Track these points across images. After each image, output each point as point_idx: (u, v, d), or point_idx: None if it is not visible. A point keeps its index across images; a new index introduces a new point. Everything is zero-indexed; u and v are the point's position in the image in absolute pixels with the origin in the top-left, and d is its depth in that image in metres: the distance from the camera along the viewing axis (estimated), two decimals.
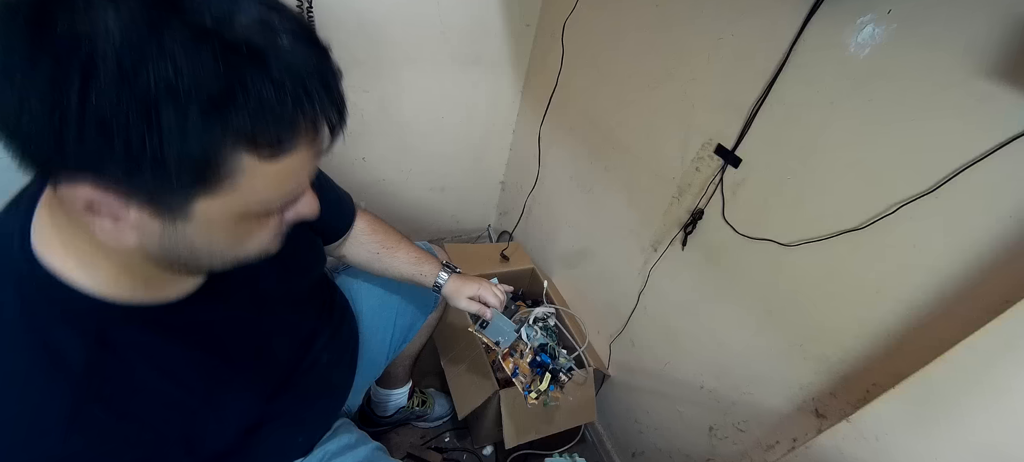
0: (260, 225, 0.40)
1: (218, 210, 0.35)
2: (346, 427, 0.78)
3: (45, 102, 0.28)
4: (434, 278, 0.80)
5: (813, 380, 0.74)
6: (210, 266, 0.42)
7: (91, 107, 0.28)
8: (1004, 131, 0.50)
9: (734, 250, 0.84)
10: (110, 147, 0.29)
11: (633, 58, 1.00)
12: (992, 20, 0.50)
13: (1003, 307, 0.49)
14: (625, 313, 1.13)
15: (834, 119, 0.66)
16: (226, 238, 0.39)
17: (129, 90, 0.28)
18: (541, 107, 1.30)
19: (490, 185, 1.66)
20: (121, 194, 0.32)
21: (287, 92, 0.32)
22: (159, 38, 0.28)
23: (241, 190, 0.34)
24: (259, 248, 0.43)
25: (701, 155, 0.87)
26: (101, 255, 0.39)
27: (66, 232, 0.38)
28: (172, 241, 0.36)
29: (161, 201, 0.33)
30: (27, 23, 0.28)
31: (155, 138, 0.29)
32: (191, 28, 0.29)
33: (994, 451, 0.50)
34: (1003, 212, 0.52)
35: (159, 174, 0.31)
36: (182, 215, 0.34)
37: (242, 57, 0.30)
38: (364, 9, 1.05)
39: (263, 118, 0.31)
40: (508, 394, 1.05)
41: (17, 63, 0.28)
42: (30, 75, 0.28)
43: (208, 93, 0.29)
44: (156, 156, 0.30)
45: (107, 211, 0.33)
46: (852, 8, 0.61)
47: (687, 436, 1.02)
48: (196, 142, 0.30)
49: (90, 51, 0.27)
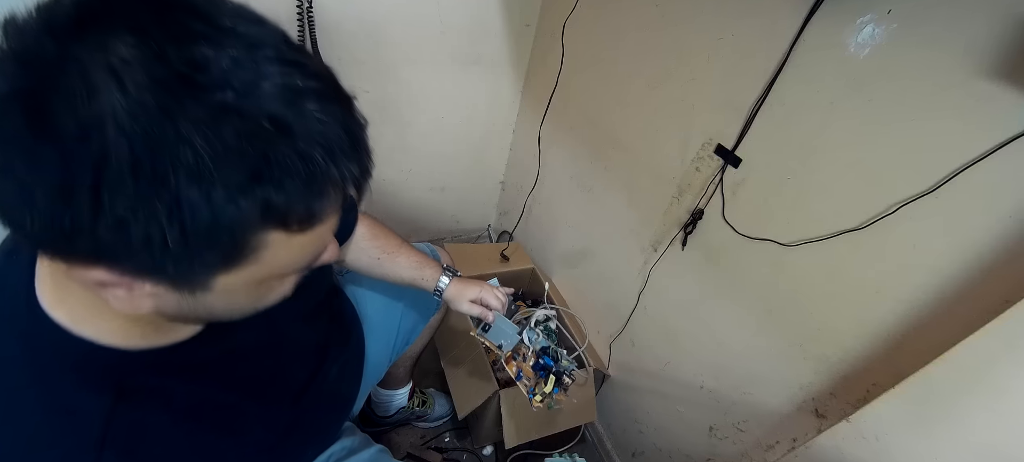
0: (280, 283, 0.39)
1: (240, 280, 0.33)
2: (349, 430, 0.78)
3: (53, 200, 0.26)
4: (435, 283, 0.80)
5: (813, 380, 0.74)
6: (228, 320, 0.40)
7: (105, 205, 0.25)
8: (1004, 131, 0.50)
9: (734, 250, 0.84)
10: (127, 242, 0.27)
11: (633, 58, 1.00)
12: (992, 20, 0.50)
13: (1003, 307, 0.49)
14: (625, 313, 1.13)
15: (834, 119, 0.66)
16: (246, 300, 0.38)
17: (146, 183, 0.25)
18: (541, 107, 1.30)
19: (490, 185, 1.66)
20: (138, 275, 0.30)
21: (317, 164, 0.29)
22: (175, 123, 0.25)
23: (266, 261, 0.32)
24: (278, 299, 0.41)
25: (701, 155, 0.87)
26: (106, 310, 0.36)
27: (73, 288, 0.36)
28: (190, 307, 0.35)
29: (181, 282, 0.32)
30: (26, 114, 0.25)
31: (176, 230, 0.27)
32: (209, 107, 0.26)
33: (994, 451, 0.50)
34: (1003, 212, 0.52)
35: (180, 263, 0.29)
36: (202, 288, 0.33)
37: (267, 133, 0.27)
38: (364, 9, 1.05)
39: (293, 196, 0.29)
40: (508, 394, 1.05)
41: (17, 157, 0.25)
42: (34, 172, 0.25)
43: (233, 176, 0.27)
44: (178, 247, 0.27)
45: (120, 287, 0.31)
46: (852, 8, 0.61)
47: (687, 436, 1.02)
48: (221, 228, 0.28)
49: (101, 144, 0.24)
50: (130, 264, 0.29)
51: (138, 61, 0.25)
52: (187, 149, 0.25)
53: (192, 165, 0.26)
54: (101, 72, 0.24)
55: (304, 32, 1.00)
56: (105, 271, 0.29)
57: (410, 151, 1.37)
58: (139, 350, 0.39)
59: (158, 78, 0.25)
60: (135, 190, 0.25)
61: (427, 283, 0.80)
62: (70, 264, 0.29)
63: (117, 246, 0.27)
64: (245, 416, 0.51)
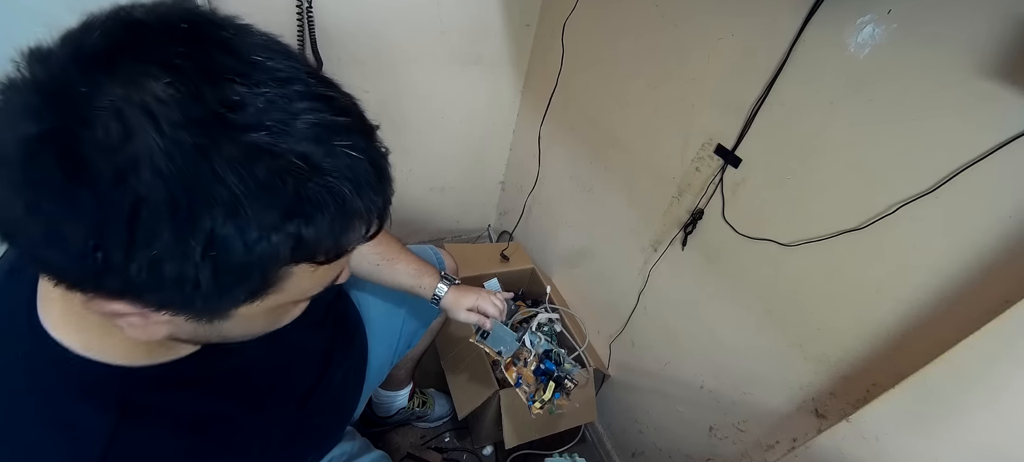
0: (297, 306, 0.40)
1: (260, 309, 0.33)
2: (349, 434, 0.78)
3: (85, 241, 0.25)
4: (433, 290, 0.80)
5: (813, 380, 0.74)
6: (251, 337, 0.40)
7: (139, 245, 0.25)
8: (1004, 131, 0.50)
9: (734, 250, 0.84)
10: (158, 281, 0.27)
11: (633, 58, 1.00)
12: (992, 20, 0.50)
13: (1003, 307, 0.49)
14: (625, 313, 1.13)
15: (834, 119, 0.66)
16: (262, 325, 0.38)
17: (182, 223, 0.25)
18: (541, 107, 1.30)
19: (490, 185, 1.66)
20: (159, 309, 0.30)
21: (346, 199, 0.30)
22: (210, 162, 0.25)
23: (288, 290, 0.33)
24: (290, 320, 0.41)
25: (701, 155, 0.87)
26: (115, 333, 0.36)
27: (81, 313, 0.35)
28: (204, 332, 0.35)
29: (202, 314, 0.32)
30: (58, 156, 0.24)
31: (208, 268, 0.27)
32: (243, 146, 0.26)
33: (994, 451, 0.50)
34: (1003, 212, 0.52)
35: (209, 299, 0.29)
36: (222, 317, 0.33)
37: (300, 170, 0.27)
38: (364, 9, 1.05)
39: (322, 231, 0.30)
40: (508, 394, 1.05)
41: (48, 199, 0.25)
42: (66, 214, 0.25)
43: (266, 214, 0.27)
44: (209, 284, 0.28)
45: (137, 315, 0.31)
46: (852, 8, 0.61)
47: (687, 436, 1.02)
48: (252, 265, 0.28)
49: (136, 186, 0.24)
50: (156, 299, 0.29)
51: (173, 100, 0.24)
52: (222, 188, 0.25)
53: (227, 203, 0.26)
54: (136, 111, 0.24)
55: (304, 32, 1.00)
56: (127, 305, 0.29)
57: (410, 151, 1.37)
58: (143, 367, 0.39)
59: (193, 118, 0.25)
60: (170, 230, 0.25)
61: (425, 291, 0.79)
62: (90, 297, 0.29)
63: (147, 284, 0.27)
64: (248, 429, 0.51)
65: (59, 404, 0.36)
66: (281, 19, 1.00)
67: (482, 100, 1.38)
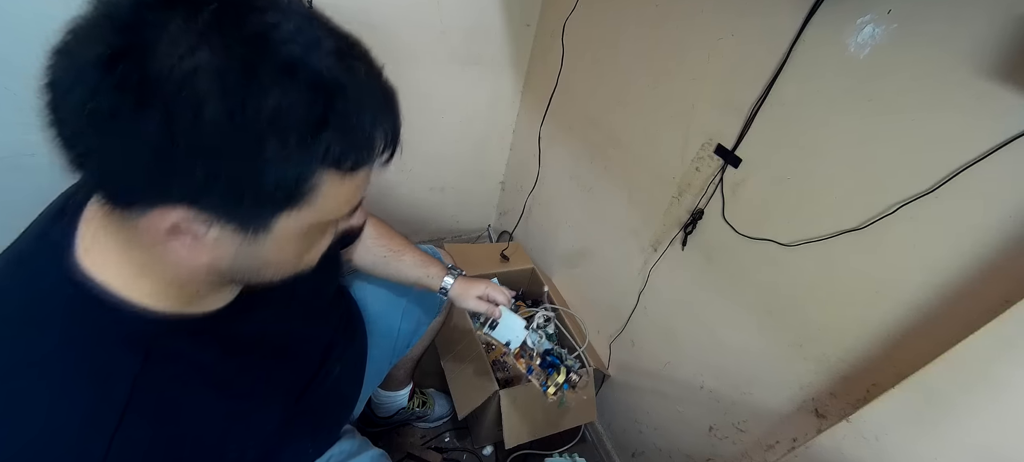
0: (322, 236, 0.43)
1: (295, 224, 0.37)
2: (349, 433, 0.79)
3: (152, 148, 0.30)
4: (440, 281, 0.82)
5: (813, 380, 0.74)
6: (270, 279, 0.43)
7: (201, 147, 0.30)
8: (1004, 131, 0.50)
9: (734, 250, 0.84)
10: (215, 181, 0.31)
11: (633, 58, 1.00)
12: (992, 20, 0.50)
13: (1003, 307, 0.49)
14: (625, 313, 1.13)
15: (834, 119, 0.66)
16: (294, 250, 0.41)
17: (237, 127, 0.30)
18: (541, 107, 1.30)
19: (490, 185, 1.66)
20: (210, 218, 0.33)
21: (366, 114, 0.35)
22: (256, 75, 0.30)
23: (319, 205, 0.36)
24: (313, 261, 0.45)
25: (701, 155, 0.87)
26: (151, 269, 0.39)
27: (116, 247, 0.38)
28: (245, 257, 0.38)
29: (248, 221, 0.35)
30: (131, 70, 0.28)
31: (258, 168, 0.31)
32: (281, 64, 0.31)
33: (994, 451, 0.50)
34: (1003, 212, 0.52)
35: (256, 200, 0.33)
36: (264, 230, 0.36)
37: (329, 86, 0.32)
38: (364, 9, 1.05)
39: (349, 140, 0.34)
40: (508, 394, 1.05)
41: (123, 111, 0.29)
42: (137, 123, 0.29)
43: (305, 121, 0.31)
44: (257, 185, 0.32)
45: (189, 234, 0.34)
46: (852, 8, 0.61)
47: (687, 436, 1.02)
48: (295, 167, 0.33)
49: (197, 95, 0.28)
50: (211, 203, 0.33)
51: (223, 25, 0.30)
52: (268, 98, 0.30)
53: (272, 112, 0.30)
54: (191, 36, 0.29)
55: None
56: (185, 211, 0.32)
57: (410, 151, 1.35)
58: (172, 314, 0.41)
59: (240, 38, 0.30)
60: (228, 133, 0.30)
61: (432, 281, 0.82)
62: (151, 209, 0.33)
63: (206, 185, 0.31)
64: (261, 392, 0.54)
65: (89, 342, 0.38)
66: None
67: (482, 100, 1.38)
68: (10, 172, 0.88)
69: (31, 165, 0.88)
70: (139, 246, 0.37)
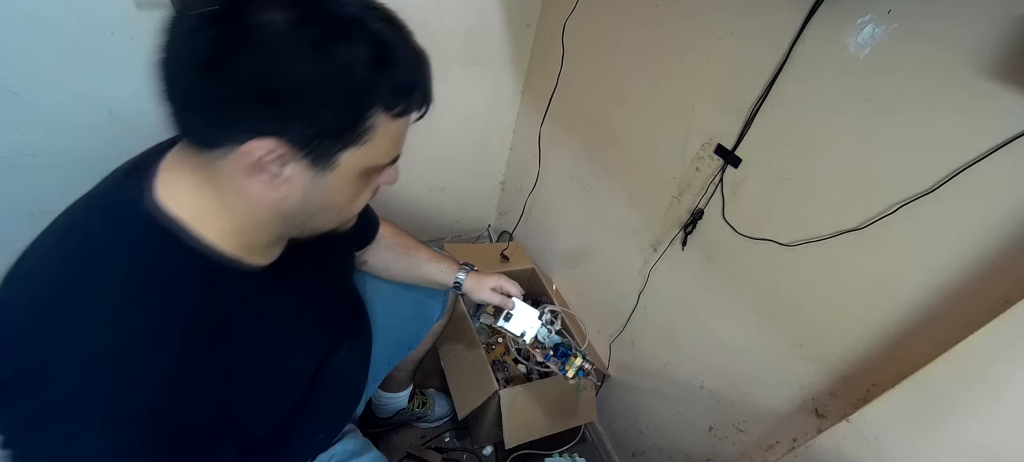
0: (367, 185, 0.49)
1: (354, 162, 0.43)
2: (351, 432, 0.80)
3: (250, 87, 0.37)
4: (454, 276, 0.86)
5: (813, 380, 0.74)
6: (321, 227, 0.50)
7: (289, 86, 0.37)
8: (1004, 131, 0.50)
9: (734, 250, 0.84)
10: (298, 114, 0.38)
11: (633, 58, 1.00)
12: (992, 20, 0.50)
13: (1003, 307, 0.49)
14: (625, 313, 1.13)
15: (834, 119, 0.66)
16: (348, 192, 0.47)
17: (317, 69, 0.37)
18: (541, 107, 1.30)
19: (490, 185, 1.66)
20: (291, 150, 0.40)
21: (413, 65, 0.43)
22: (334, 24, 0.38)
23: (373, 145, 0.43)
24: (355, 212, 0.52)
25: (701, 155, 0.87)
26: (223, 212, 0.44)
27: (195, 190, 0.44)
28: (310, 195, 0.44)
29: (321, 154, 0.41)
30: (228, 25, 0.36)
31: (332, 103, 0.39)
32: (347, 18, 0.38)
33: (994, 451, 0.50)
34: (1003, 212, 0.52)
35: (329, 133, 0.40)
36: (331, 165, 0.42)
37: (383, 40, 0.40)
38: None
39: (399, 86, 0.42)
40: (508, 394, 1.05)
41: (226, 59, 0.36)
42: (237, 67, 0.36)
43: (368, 65, 0.39)
44: (338, 115, 0.40)
45: (270, 169, 0.40)
46: (852, 8, 0.61)
47: (687, 436, 1.02)
48: (360, 104, 0.40)
49: (282, 42, 0.36)
50: (293, 134, 0.39)
51: None
52: (338, 44, 0.38)
53: (343, 55, 0.38)
54: None
55: None
56: (271, 144, 0.38)
57: (410, 151, 1.34)
58: (232, 257, 0.47)
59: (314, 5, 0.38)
60: (310, 74, 0.37)
61: (446, 276, 0.86)
62: (240, 146, 0.39)
63: (292, 117, 0.38)
64: (304, 331, 0.61)
65: (165, 264, 0.43)
66: None
67: (482, 100, 1.38)
68: (10, 172, 0.88)
69: (31, 165, 0.88)
70: (218, 186, 0.43)
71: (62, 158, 0.90)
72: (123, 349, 0.40)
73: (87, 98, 0.88)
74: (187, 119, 0.41)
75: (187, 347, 0.42)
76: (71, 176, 0.99)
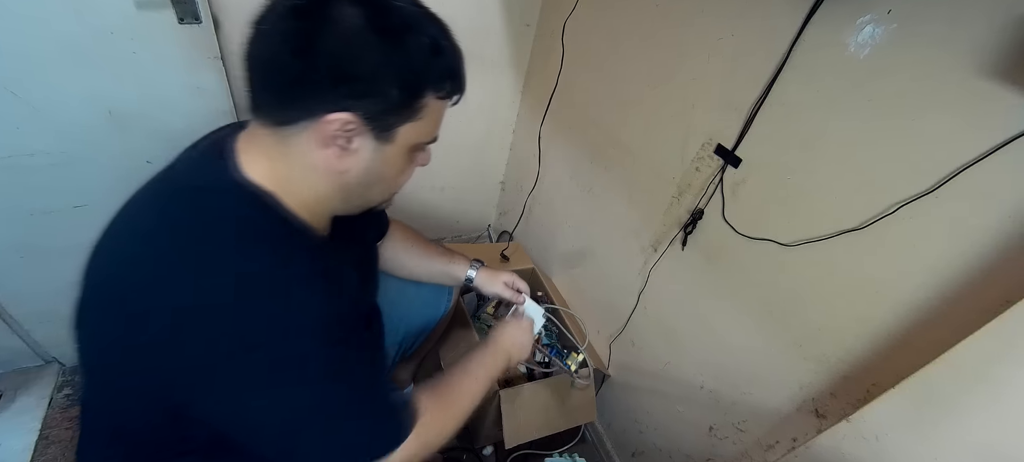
0: (411, 162, 0.55)
1: (407, 137, 0.50)
2: None
3: (332, 67, 0.43)
4: (465, 271, 0.91)
5: (813, 380, 0.74)
6: (374, 199, 0.57)
7: (364, 68, 0.44)
8: (1004, 131, 0.50)
9: (734, 250, 0.84)
10: (378, 88, 0.45)
11: (633, 58, 1.00)
12: (992, 20, 0.50)
13: (1003, 307, 0.49)
14: (625, 313, 1.13)
15: (834, 119, 0.66)
16: (399, 164, 0.53)
17: (397, 50, 0.45)
18: (541, 107, 1.30)
19: (490, 185, 1.66)
20: (361, 124, 0.46)
21: (456, 55, 0.50)
22: (400, 18, 0.45)
23: (423, 122, 0.50)
24: (401, 186, 0.58)
25: (701, 155, 0.87)
26: (294, 186, 0.50)
27: (270, 165, 0.49)
28: (371, 166, 0.50)
29: (385, 127, 0.48)
30: (313, 16, 0.42)
31: (405, 81, 0.46)
32: (409, 13, 0.46)
33: (994, 451, 0.50)
34: (1003, 212, 0.52)
35: (394, 108, 0.47)
36: (391, 138, 0.49)
37: (436, 31, 0.48)
38: None
39: (447, 72, 0.50)
40: (508, 394, 1.05)
41: (311, 42, 0.42)
42: (320, 48, 0.43)
43: (427, 51, 0.47)
44: (402, 93, 0.46)
45: (341, 140, 0.47)
46: (852, 8, 0.61)
47: (687, 436, 1.02)
48: (423, 82, 0.48)
49: (359, 32, 0.43)
50: (366, 109, 0.45)
51: None
52: (403, 36, 0.45)
53: (418, 43, 0.46)
54: None
55: None
56: (346, 117, 0.45)
57: None
58: (301, 221, 0.52)
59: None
60: (381, 58, 0.44)
61: (458, 271, 0.91)
62: (318, 120, 0.45)
63: (366, 93, 0.45)
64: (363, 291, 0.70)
65: (277, 222, 0.49)
66: None
67: (482, 100, 1.38)
68: (10, 172, 0.88)
69: (31, 165, 0.88)
70: (291, 161, 0.49)
71: (62, 158, 0.90)
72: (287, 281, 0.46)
73: (87, 98, 0.87)
74: (272, 98, 0.47)
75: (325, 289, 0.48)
76: (71, 176, 0.99)
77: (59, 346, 1.20)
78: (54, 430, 1.12)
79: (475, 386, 0.69)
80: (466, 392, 0.67)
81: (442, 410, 0.62)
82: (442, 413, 0.61)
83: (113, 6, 0.81)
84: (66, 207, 0.95)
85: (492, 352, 0.77)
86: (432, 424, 0.59)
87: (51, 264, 0.99)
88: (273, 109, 0.47)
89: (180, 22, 0.87)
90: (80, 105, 0.88)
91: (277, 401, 0.46)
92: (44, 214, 0.94)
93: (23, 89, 0.82)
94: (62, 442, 1.10)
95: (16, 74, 0.81)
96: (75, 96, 0.86)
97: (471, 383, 0.69)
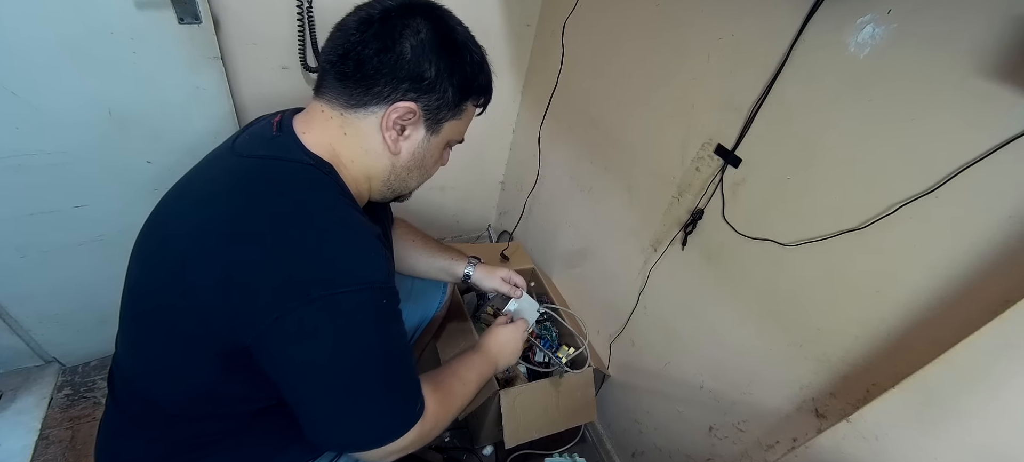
0: (441, 157, 0.66)
1: (447, 133, 0.61)
2: None
3: (409, 62, 0.53)
4: (463, 267, 0.95)
5: (813, 380, 0.74)
6: (412, 185, 0.65)
7: (440, 69, 0.55)
8: (1004, 131, 0.50)
9: (734, 250, 0.84)
10: (440, 87, 0.55)
11: (633, 58, 1.00)
12: (992, 20, 0.50)
13: (1003, 307, 0.49)
14: (625, 313, 1.13)
15: (834, 119, 0.66)
16: (435, 155, 0.63)
17: (457, 60, 0.56)
18: (541, 107, 1.30)
19: (490, 185, 1.66)
20: (420, 115, 0.56)
21: (490, 73, 0.62)
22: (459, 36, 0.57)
23: (460, 122, 0.62)
24: (429, 177, 0.66)
25: (701, 155, 0.87)
26: (350, 164, 0.58)
27: (331, 142, 0.56)
28: (417, 152, 0.60)
29: (436, 120, 0.58)
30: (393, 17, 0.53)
31: (459, 86, 0.57)
32: (463, 33, 0.58)
33: (993, 451, 0.50)
34: (1003, 212, 0.52)
35: (448, 104, 0.57)
36: (436, 133, 0.60)
37: (480, 51, 0.60)
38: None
39: (485, 83, 0.62)
40: (508, 394, 1.05)
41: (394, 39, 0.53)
42: (399, 47, 0.53)
43: (478, 66, 0.59)
44: (455, 94, 0.57)
45: (400, 125, 0.56)
46: (852, 8, 0.61)
47: (687, 436, 1.02)
48: (469, 88, 0.59)
49: (428, 40, 0.54)
50: (427, 101, 0.56)
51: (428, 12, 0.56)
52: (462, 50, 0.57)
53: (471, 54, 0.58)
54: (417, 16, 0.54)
55: (304, 32, 1.00)
56: (409, 105, 0.55)
57: None
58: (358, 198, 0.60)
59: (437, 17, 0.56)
60: (445, 61, 0.55)
61: (457, 267, 0.95)
62: (386, 106, 0.55)
63: (430, 88, 0.55)
64: None
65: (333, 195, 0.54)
66: (281, 19, 1.01)
67: None
68: (10, 172, 0.88)
69: (31, 165, 0.88)
70: (350, 140, 0.57)
71: (62, 158, 0.90)
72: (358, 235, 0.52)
73: (87, 98, 0.87)
74: (350, 85, 0.54)
75: (384, 251, 0.54)
76: (71, 176, 0.99)
77: (59, 346, 1.20)
78: (54, 430, 1.12)
79: (464, 390, 0.71)
80: (457, 394, 0.69)
81: (440, 405, 0.63)
82: (440, 408, 0.62)
83: (113, 6, 0.81)
84: (66, 207, 0.95)
85: (482, 358, 0.79)
86: (432, 417, 0.60)
87: (51, 264, 0.99)
88: (348, 94, 0.55)
89: (180, 22, 0.87)
90: (80, 105, 0.88)
91: (337, 346, 0.49)
92: (45, 214, 0.94)
93: (23, 89, 0.82)
94: (62, 442, 1.10)
95: (16, 74, 0.80)
96: (75, 96, 0.86)
97: (461, 387, 0.70)
